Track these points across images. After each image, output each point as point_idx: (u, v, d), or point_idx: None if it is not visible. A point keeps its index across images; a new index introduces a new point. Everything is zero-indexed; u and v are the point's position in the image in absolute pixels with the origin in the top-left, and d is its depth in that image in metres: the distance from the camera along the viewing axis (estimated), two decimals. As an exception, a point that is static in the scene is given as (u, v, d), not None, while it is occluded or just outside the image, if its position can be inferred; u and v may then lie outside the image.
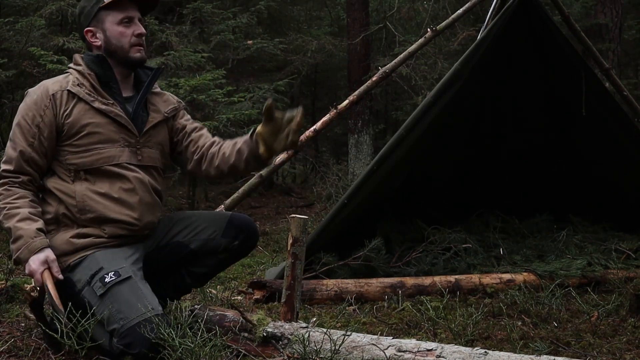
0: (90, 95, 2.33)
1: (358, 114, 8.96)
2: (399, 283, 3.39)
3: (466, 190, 4.59)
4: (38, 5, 6.56)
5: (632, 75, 11.68)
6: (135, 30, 2.37)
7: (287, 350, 2.16)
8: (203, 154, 2.48)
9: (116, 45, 2.36)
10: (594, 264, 3.73)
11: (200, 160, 2.49)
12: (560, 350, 2.48)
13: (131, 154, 2.36)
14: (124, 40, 2.36)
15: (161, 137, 2.48)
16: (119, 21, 2.35)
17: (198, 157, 2.49)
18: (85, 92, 2.32)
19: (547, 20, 3.91)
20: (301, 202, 8.51)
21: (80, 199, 2.28)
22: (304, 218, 2.32)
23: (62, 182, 2.31)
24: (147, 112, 2.45)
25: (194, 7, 7.54)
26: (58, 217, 2.31)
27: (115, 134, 2.34)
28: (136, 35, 2.37)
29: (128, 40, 2.36)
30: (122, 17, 2.35)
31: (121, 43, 2.36)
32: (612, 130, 4.15)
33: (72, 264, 2.27)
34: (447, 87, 3.64)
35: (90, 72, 2.36)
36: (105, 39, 2.37)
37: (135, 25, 2.38)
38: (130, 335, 2.07)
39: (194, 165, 2.51)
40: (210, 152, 2.47)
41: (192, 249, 2.47)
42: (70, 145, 2.30)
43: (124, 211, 2.32)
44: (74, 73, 2.37)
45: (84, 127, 2.30)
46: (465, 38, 8.05)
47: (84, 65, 2.38)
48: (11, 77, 6.04)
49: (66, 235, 2.29)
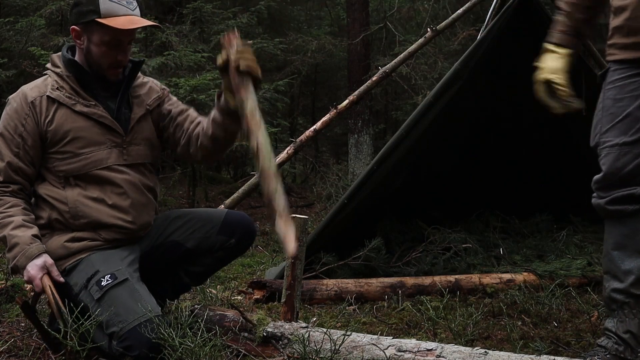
0: (71, 98, 2.26)
1: (358, 114, 8.96)
2: (399, 283, 3.39)
3: (466, 190, 4.59)
4: (38, 5, 6.56)
5: (632, 75, 11.66)
6: (117, 55, 2.25)
7: (287, 350, 2.16)
8: (189, 137, 2.40)
9: (94, 61, 2.27)
10: (594, 264, 3.72)
11: (187, 144, 2.41)
12: (560, 350, 2.48)
13: (119, 155, 2.31)
14: (103, 61, 2.26)
15: (147, 130, 2.41)
16: (106, 42, 2.22)
17: (185, 141, 2.41)
18: (65, 95, 2.25)
19: (547, 20, 3.90)
20: (301, 202, 8.51)
21: (73, 205, 2.26)
22: (304, 218, 2.32)
23: (53, 188, 2.28)
24: (130, 107, 2.38)
25: (194, 7, 7.54)
26: (51, 223, 2.28)
27: (101, 136, 2.28)
28: (117, 60, 2.27)
29: (108, 62, 2.26)
30: (110, 39, 2.22)
31: (100, 62, 2.26)
32: (612, 130, 4.15)
33: (68, 267, 2.25)
34: (447, 87, 3.64)
35: (69, 74, 2.28)
36: (86, 49, 2.26)
37: (120, 50, 2.25)
38: (129, 338, 2.06)
39: (183, 149, 2.44)
40: (195, 133, 2.39)
41: (188, 248, 2.45)
42: (56, 153, 2.26)
43: (118, 215, 2.29)
44: (52, 76, 2.30)
45: (67, 132, 2.25)
46: (465, 38, 8.05)
47: (62, 67, 2.29)
48: (11, 77, 6.05)
49: (61, 239, 2.27)
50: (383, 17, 9.45)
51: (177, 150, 2.48)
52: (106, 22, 2.17)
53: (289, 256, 2.17)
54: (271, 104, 7.60)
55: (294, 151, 3.78)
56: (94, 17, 2.18)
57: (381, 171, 3.56)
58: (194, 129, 2.40)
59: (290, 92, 10.63)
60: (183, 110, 2.47)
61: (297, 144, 3.81)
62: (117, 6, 2.20)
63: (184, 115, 2.45)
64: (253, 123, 2.02)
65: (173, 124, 2.44)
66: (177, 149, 2.46)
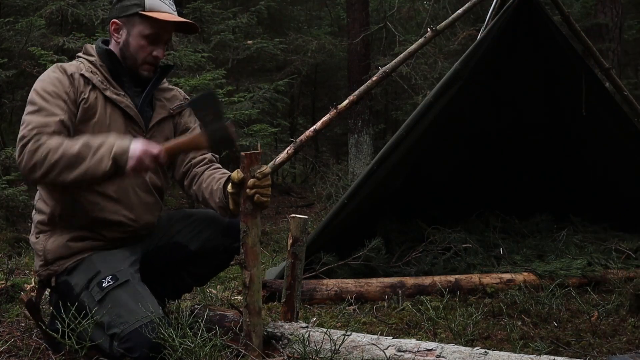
0: (103, 83, 2.28)
1: (358, 114, 8.97)
2: (399, 283, 3.39)
3: (466, 190, 4.59)
4: (38, 5, 6.56)
5: (632, 75, 11.69)
6: (154, 51, 2.32)
7: (287, 350, 2.15)
8: (189, 170, 2.42)
9: (131, 54, 2.31)
10: (594, 264, 3.73)
11: (184, 174, 2.43)
12: (560, 350, 2.48)
13: None
14: (139, 55, 2.31)
15: (167, 132, 2.43)
16: (146, 35, 2.29)
17: (184, 170, 2.43)
18: (98, 79, 2.27)
19: (547, 20, 3.91)
20: (301, 202, 8.51)
21: (77, 197, 2.21)
22: (304, 218, 2.31)
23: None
24: (153, 107, 2.41)
25: (194, 7, 7.54)
26: (53, 219, 2.26)
27: (123, 125, 2.29)
28: (153, 56, 2.32)
29: (143, 56, 2.31)
30: (151, 32, 2.29)
31: (136, 56, 2.31)
32: (612, 130, 4.15)
33: (69, 267, 2.25)
34: (447, 87, 3.64)
35: (102, 64, 2.31)
36: (124, 42, 2.31)
37: (157, 46, 2.32)
38: (131, 340, 2.06)
39: (179, 176, 2.46)
40: (194, 171, 2.41)
41: (191, 249, 2.45)
42: (77, 132, 2.20)
43: (120, 211, 2.29)
44: (84, 62, 2.32)
45: (94, 114, 2.24)
46: (465, 38, 8.06)
47: (96, 56, 2.33)
48: (11, 77, 6.05)
49: (62, 239, 2.25)
50: (383, 17, 9.46)
51: (174, 173, 2.48)
52: (150, 14, 2.26)
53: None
54: (271, 104, 7.60)
55: (294, 151, 3.75)
56: (138, 10, 2.27)
57: (381, 171, 3.56)
58: (196, 165, 2.41)
59: (290, 92, 10.63)
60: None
61: (297, 144, 3.78)
62: (160, 3, 2.30)
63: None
64: (251, 256, 2.08)
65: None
66: (175, 172, 2.47)
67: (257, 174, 2.06)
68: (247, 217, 2.08)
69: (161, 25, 2.29)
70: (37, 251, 2.30)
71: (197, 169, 2.41)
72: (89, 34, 6.16)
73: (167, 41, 2.38)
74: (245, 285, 2.08)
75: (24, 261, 4.13)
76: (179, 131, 2.47)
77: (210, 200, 2.31)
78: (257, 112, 6.73)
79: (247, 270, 2.07)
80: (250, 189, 2.05)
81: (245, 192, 2.07)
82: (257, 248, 2.08)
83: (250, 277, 2.06)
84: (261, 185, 2.06)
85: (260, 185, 2.06)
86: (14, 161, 5.09)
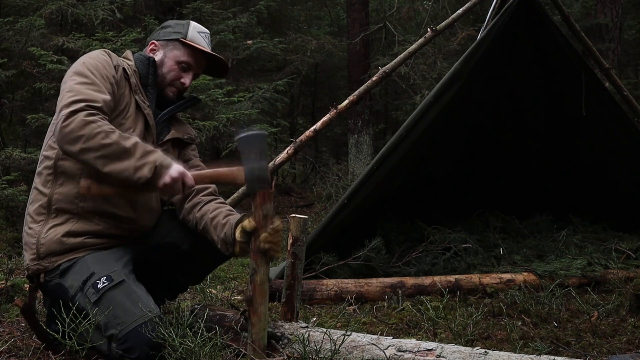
0: (136, 86, 2.37)
1: (358, 114, 8.97)
2: (399, 283, 3.39)
3: (466, 190, 4.60)
4: (38, 5, 6.54)
5: (632, 75, 11.69)
6: (183, 78, 2.46)
7: (287, 350, 2.15)
8: (194, 195, 2.41)
9: (162, 72, 2.45)
10: (594, 264, 3.73)
11: (186, 198, 2.42)
12: (560, 350, 2.48)
13: None
14: (169, 75, 2.45)
15: (172, 154, 2.44)
16: (180, 62, 2.45)
17: (183, 197, 2.41)
18: (134, 81, 2.36)
19: (547, 20, 3.91)
20: (301, 202, 8.51)
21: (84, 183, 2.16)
22: (304, 218, 2.31)
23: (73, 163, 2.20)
24: (169, 129, 2.48)
25: (194, 7, 7.54)
26: (50, 203, 2.22)
27: (142, 132, 2.32)
28: (181, 82, 2.46)
29: (172, 78, 2.45)
30: (185, 60, 2.46)
31: (166, 75, 2.45)
32: (612, 130, 4.15)
33: (63, 267, 2.21)
34: (447, 87, 3.64)
35: (136, 70, 2.41)
36: (160, 60, 2.46)
37: (187, 75, 2.47)
38: (129, 340, 2.05)
39: (178, 202, 2.45)
40: (199, 198, 2.40)
41: (183, 249, 2.43)
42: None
43: (124, 206, 2.29)
44: (125, 62, 2.40)
45: (122, 110, 2.28)
46: (465, 38, 8.06)
47: (133, 62, 2.44)
48: (11, 77, 6.04)
49: (56, 233, 2.21)
50: (383, 17, 9.46)
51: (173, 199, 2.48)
52: (189, 42, 2.46)
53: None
54: (271, 103, 7.60)
55: (294, 151, 3.77)
56: (179, 37, 2.47)
57: (381, 171, 3.57)
58: (197, 193, 2.41)
59: (290, 92, 10.62)
60: (200, 167, 2.47)
61: (297, 144, 3.80)
62: (200, 39, 2.50)
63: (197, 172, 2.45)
64: (259, 294, 2.09)
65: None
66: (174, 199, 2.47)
67: (270, 229, 2.08)
68: (257, 256, 2.09)
69: (196, 55, 2.47)
70: (29, 244, 2.25)
71: (202, 197, 2.41)
72: (88, 34, 6.15)
73: (196, 75, 2.53)
74: (252, 321, 2.08)
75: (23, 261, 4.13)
76: (179, 160, 2.43)
77: (213, 232, 2.29)
78: (256, 112, 6.73)
79: (254, 305, 2.08)
80: (263, 244, 2.08)
81: (257, 246, 2.08)
82: (266, 286, 2.10)
83: (258, 314, 2.08)
84: (273, 240, 2.09)
85: (272, 241, 2.09)
86: (14, 161, 5.08)
